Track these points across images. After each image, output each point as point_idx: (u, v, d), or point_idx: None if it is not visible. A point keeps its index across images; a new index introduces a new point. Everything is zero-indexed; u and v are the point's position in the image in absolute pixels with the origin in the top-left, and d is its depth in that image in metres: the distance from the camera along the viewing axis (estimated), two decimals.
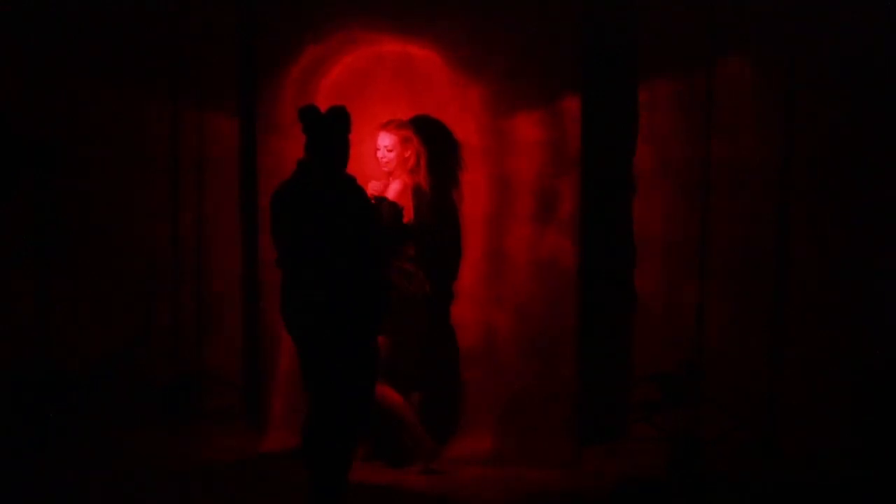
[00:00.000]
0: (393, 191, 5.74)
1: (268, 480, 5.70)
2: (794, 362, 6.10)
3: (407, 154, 5.81)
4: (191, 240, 6.56)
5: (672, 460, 5.60)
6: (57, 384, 6.30)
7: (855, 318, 6.06)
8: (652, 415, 5.84)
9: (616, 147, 6.27)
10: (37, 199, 6.45)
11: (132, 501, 5.41)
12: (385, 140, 5.81)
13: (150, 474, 5.71)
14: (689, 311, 6.18)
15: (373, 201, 5.43)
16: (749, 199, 6.17)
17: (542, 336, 6.07)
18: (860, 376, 6.04)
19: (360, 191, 5.04)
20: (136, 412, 6.39)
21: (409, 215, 5.75)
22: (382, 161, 5.82)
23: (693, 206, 6.19)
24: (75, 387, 6.32)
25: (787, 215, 6.08)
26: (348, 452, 5.03)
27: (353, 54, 6.17)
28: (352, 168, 5.14)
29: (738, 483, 5.57)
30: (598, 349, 6.21)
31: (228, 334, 6.59)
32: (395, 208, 5.69)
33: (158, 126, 6.55)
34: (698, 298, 6.15)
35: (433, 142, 5.91)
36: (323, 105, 5.08)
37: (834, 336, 6.06)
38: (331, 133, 5.02)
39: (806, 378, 6.08)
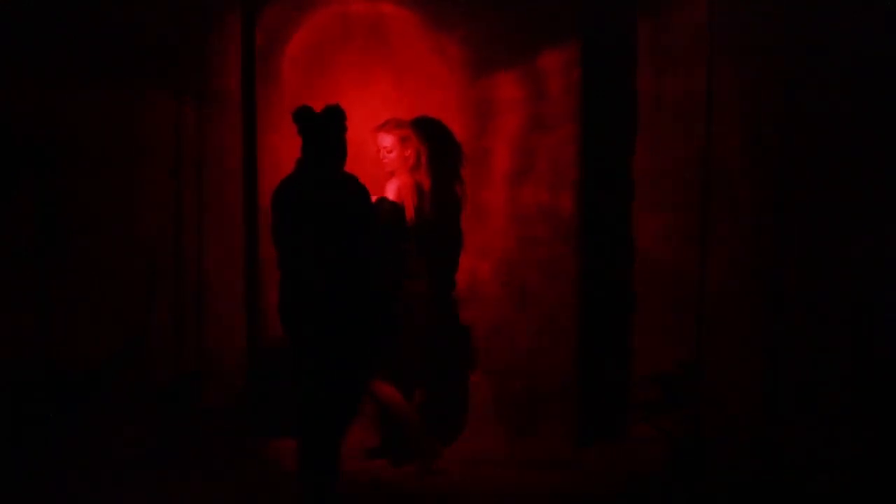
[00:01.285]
0: (392, 189, 5.75)
1: (267, 479, 5.70)
2: (793, 362, 6.10)
3: (407, 153, 5.83)
4: (191, 239, 6.56)
5: (672, 460, 5.61)
6: (57, 384, 6.29)
7: (854, 317, 6.07)
8: (652, 415, 5.84)
9: (614, 147, 6.25)
10: (37, 199, 6.45)
11: (132, 502, 5.42)
12: (385, 141, 5.82)
13: (150, 474, 5.71)
14: (688, 309, 6.19)
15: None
16: (748, 193, 6.17)
17: (543, 336, 6.08)
18: (860, 375, 6.05)
19: (361, 189, 5.03)
20: (136, 412, 6.38)
21: (409, 213, 5.76)
22: (384, 162, 5.83)
23: (692, 203, 6.19)
24: (75, 387, 6.31)
25: (783, 213, 6.08)
26: (338, 447, 5.04)
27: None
28: (352, 164, 5.16)
29: (738, 483, 5.57)
30: (598, 349, 6.21)
31: (228, 334, 6.59)
32: (395, 208, 5.70)
33: (159, 125, 6.54)
34: (698, 300, 6.15)
35: (433, 140, 5.92)
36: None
37: (833, 335, 6.07)
38: (326, 132, 5.02)
39: (805, 377, 6.09)
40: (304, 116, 5.03)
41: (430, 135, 5.90)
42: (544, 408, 6.06)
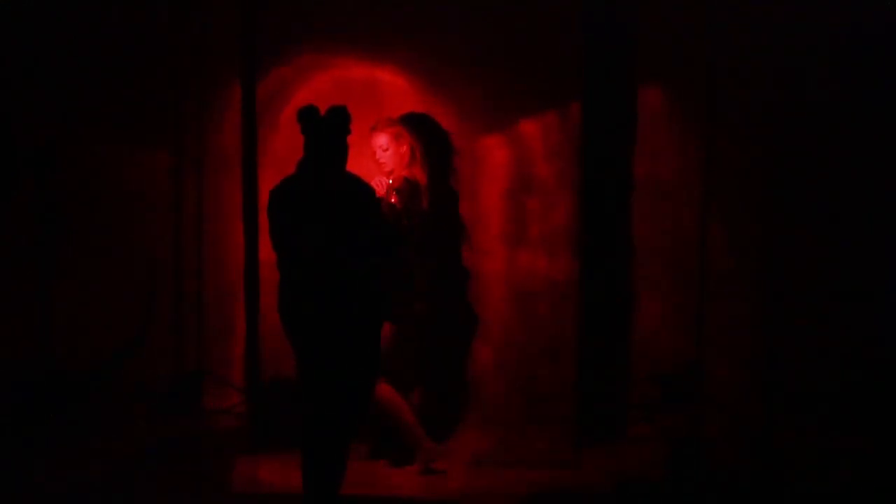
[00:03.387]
0: (386, 187, 5.76)
1: (267, 481, 5.70)
2: (791, 362, 6.11)
3: (402, 150, 5.83)
4: (191, 240, 6.56)
5: (672, 460, 5.61)
6: (57, 384, 6.29)
7: (852, 318, 6.08)
8: (652, 415, 5.84)
9: (612, 148, 6.25)
10: (37, 200, 6.45)
11: (131, 502, 5.42)
12: (379, 140, 5.83)
13: (149, 476, 5.71)
14: (689, 311, 6.19)
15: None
16: (747, 199, 6.18)
17: (543, 336, 6.08)
18: (858, 375, 6.06)
19: (365, 187, 5.03)
20: (137, 412, 6.39)
21: (406, 208, 5.77)
22: (381, 161, 5.83)
23: (692, 205, 6.19)
24: (75, 387, 6.31)
25: (780, 217, 6.09)
26: (345, 451, 5.02)
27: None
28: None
29: (738, 483, 5.57)
30: (598, 349, 6.21)
31: (229, 334, 6.59)
32: (393, 209, 5.70)
33: (160, 124, 6.54)
34: (698, 300, 6.15)
35: (424, 134, 5.92)
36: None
37: (831, 336, 6.08)
38: (330, 132, 5.01)
39: (804, 377, 6.09)
40: (308, 116, 5.01)
41: (421, 130, 5.90)
42: (544, 407, 6.07)
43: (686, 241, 6.18)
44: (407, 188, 5.79)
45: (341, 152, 5.04)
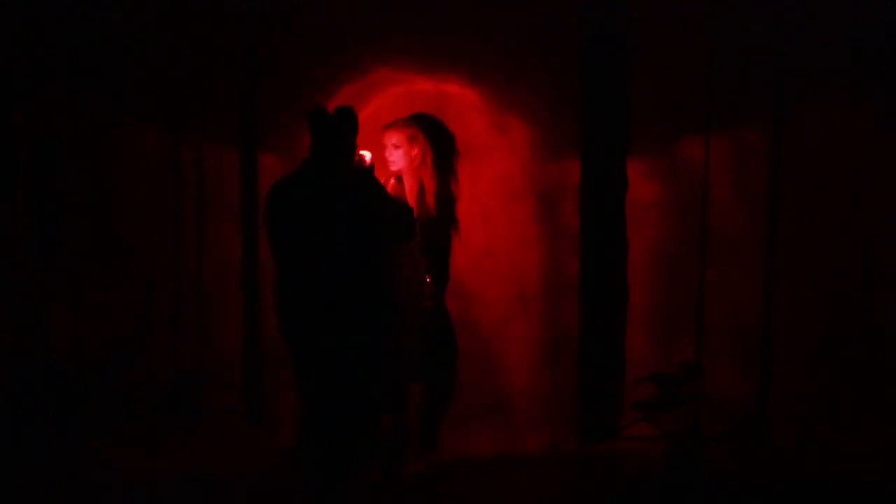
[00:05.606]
0: (397, 188, 5.75)
1: (268, 483, 5.71)
2: (791, 362, 6.11)
3: (414, 152, 5.78)
4: (191, 239, 6.57)
5: (672, 460, 5.61)
6: (57, 384, 6.29)
7: (852, 316, 6.08)
8: (652, 414, 5.84)
9: (608, 145, 6.26)
10: (37, 199, 6.45)
11: (130, 501, 5.43)
12: (392, 138, 5.79)
13: (150, 476, 5.72)
14: (690, 309, 6.20)
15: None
16: (746, 197, 6.19)
17: (542, 336, 6.09)
18: (859, 375, 6.07)
19: (372, 178, 5.05)
20: (136, 412, 6.39)
21: (415, 212, 5.76)
22: (390, 160, 5.80)
23: (691, 203, 6.19)
24: (75, 387, 6.32)
25: (777, 214, 6.10)
26: (348, 462, 4.98)
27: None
28: None
29: (738, 483, 5.57)
30: (597, 349, 6.21)
31: (228, 334, 6.59)
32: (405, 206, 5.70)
33: (160, 122, 6.55)
34: (698, 299, 6.15)
35: (436, 138, 5.91)
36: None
37: (831, 335, 6.08)
38: (338, 132, 5.04)
39: (804, 377, 6.10)
40: (317, 116, 5.06)
41: (433, 134, 5.87)
42: (544, 406, 6.07)
43: (685, 241, 6.19)
44: (415, 191, 5.77)
45: (349, 151, 5.08)
